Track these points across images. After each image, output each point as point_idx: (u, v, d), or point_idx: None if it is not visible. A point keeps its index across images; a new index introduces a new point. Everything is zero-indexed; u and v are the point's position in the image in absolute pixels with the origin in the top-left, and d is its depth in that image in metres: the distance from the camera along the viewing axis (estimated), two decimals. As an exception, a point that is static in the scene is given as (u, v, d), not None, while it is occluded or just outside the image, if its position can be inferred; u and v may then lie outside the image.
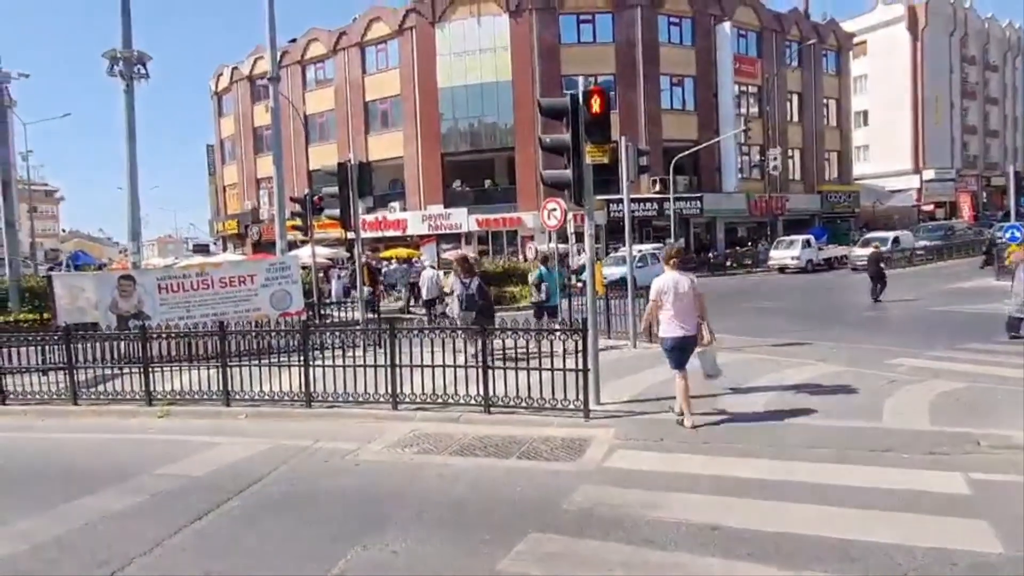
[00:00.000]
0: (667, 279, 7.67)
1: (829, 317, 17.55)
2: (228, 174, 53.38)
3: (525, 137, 36.78)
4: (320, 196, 16.89)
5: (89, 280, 14.59)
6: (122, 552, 4.96)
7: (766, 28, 43.37)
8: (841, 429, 7.15)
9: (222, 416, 9.18)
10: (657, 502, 5.46)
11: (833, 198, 47.21)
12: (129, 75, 17.49)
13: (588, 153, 8.22)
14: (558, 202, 14.97)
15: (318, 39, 43.99)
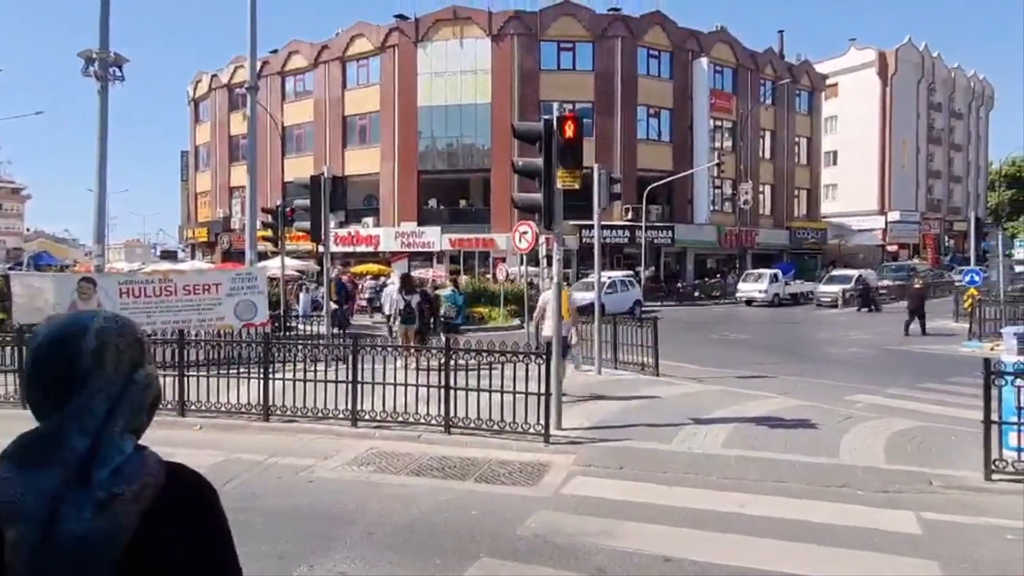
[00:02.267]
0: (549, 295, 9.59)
1: (793, 352, 17.79)
2: (201, 181, 52.75)
3: (501, 159, 36.92)
4: (292, 208, 16.74)
5: (49, 281, 14.26)
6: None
7: (742, 65, 44.35)
8: (799, 464, 7.20)
9: (176, 427, 8.95)
10: (612, 531, 5.42)
11: (801, 234, 48.13)
12: (104, 76, 17.26)
13: (559, 178, 8.28)
14: (530, 225, 15.03)
15: (299, 51, 43.91)
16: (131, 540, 1.15)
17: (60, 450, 1.18)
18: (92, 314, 1.33)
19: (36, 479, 1.15)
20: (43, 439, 1.21)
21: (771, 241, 45.71)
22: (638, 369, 12.83)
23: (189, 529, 1.23)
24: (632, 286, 29.60)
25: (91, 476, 1.16)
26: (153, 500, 1.19)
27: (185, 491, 1.27)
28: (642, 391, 11.09)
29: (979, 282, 21.33)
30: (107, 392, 1.24)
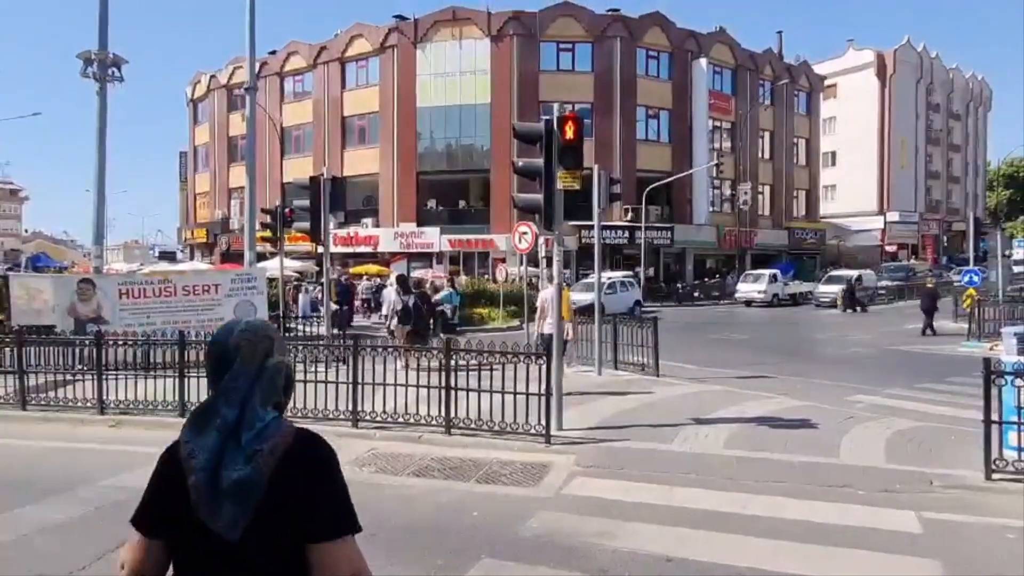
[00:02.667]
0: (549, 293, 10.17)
1: (792, 352, 17.81)
2: (200, 182, 52.73)
3: (501, 160, 36.95)
4: (291, 209, 16.74)
5: (47, 282, 14.24)
6: (60, 564, 4.78)
7: (741, 66, 44.40)
8: (799, 464, 7.21)
9: (177, 428, 8.73)
10: (614, 531, 5.43)
11: (800, 235, 48.18)
12: (103, 77, 17.26)
13: (560, 179, 8.29)
14: (529, 226, 15.04)
15: (298, 52, 43.91)
16: (269, 482, 1.59)
17: (215, 418, 1.64)
18: (238, 320, 1.82)
19: (202, 439, 1.62)
20: (205, 411, 1.68)
21: (770, 242, 45.76)
22: (638, 369, 12.83)
23: (307, 474, 1.64)
24: (632, 287, 29.62)
25: (241, 437, 1.61)
26: (283, 454, 1.62)
27: (305, 448, 1.68)
28: (643, 391, 11.10)
29: (978, 282, 21.35)
30: (247, 376, 1.68)
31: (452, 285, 16.07)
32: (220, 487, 1.57)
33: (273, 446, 1.61)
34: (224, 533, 1.57)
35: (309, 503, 1.62)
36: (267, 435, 1.63)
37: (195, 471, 1.59)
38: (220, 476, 1.58)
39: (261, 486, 1.58)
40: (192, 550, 1.64)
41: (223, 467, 1.58)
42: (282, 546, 1.60)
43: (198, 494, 1.58)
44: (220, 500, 1.57)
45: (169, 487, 1.67)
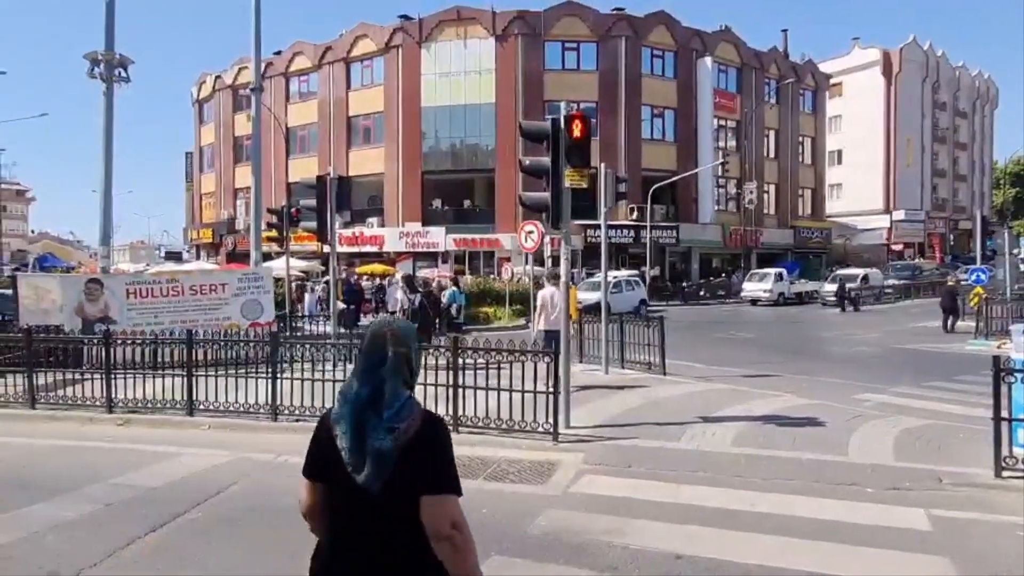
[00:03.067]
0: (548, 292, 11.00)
1: (798, 350, 17.77)
2: (206, 182, 52.88)
3: (506, 159, 36.96)
4: (298, 208, 16.79)
5: (55, 282, 14.30)
6: (71, 563, 4.80)
7: (746, 65, 44.30)
8: (808, 462, 7.19)
9: (185, 426, 8.99)
10: (622, 529, 5.43)
11: (806, 233, 48.06)
12: (109, 78, 17.33)
13: (567, 177, 8.29)
14: (536, 224, 15.03)
15: (303, 52, 43.98)
16: (401, 451, 2.05)
17: (351, 394, 2.14)
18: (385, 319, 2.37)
19: (342, 410, 2.14)
20: (347, 388, 2.18)
21: (776, 240, 45.65)
22: (645, 368, 12.82)
23: (428, 448, 2.10)
24: (637, 286, 29.60)
25: (382, 412, 2.09)
26: (415, 433, 2.08)
27: (429, 428, 2.13)
28: (649, 390, 11.09)
29: (985, 281, 21.25)
30: (374, 362, 2.16)
31: (456, 284, 16.12)
32: (365, 452, 2.07)
33: (408, 426, 2.08)
34: (366, 486, 2.07)
35: (427, 468, 2.09)
36: (404, 415, 2.10)
37: (340, 436, 2.12)
38: (364, 443, 2.07)
39: (396, 456, 2.06)
40: (342, 492, 2.13)
41: (367, 436, 2.08)
42: (407, 496, 2.08)
43: (347, 455, 2.10)
44: (363, 461, 2.07)
45: (322, 444, 2.19)
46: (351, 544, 2.12)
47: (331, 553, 2.17)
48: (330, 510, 2.18)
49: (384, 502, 2.07)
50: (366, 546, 2.09)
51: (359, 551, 2.10)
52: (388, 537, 2.09)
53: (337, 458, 2.11)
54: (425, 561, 2.08)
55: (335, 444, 2.12)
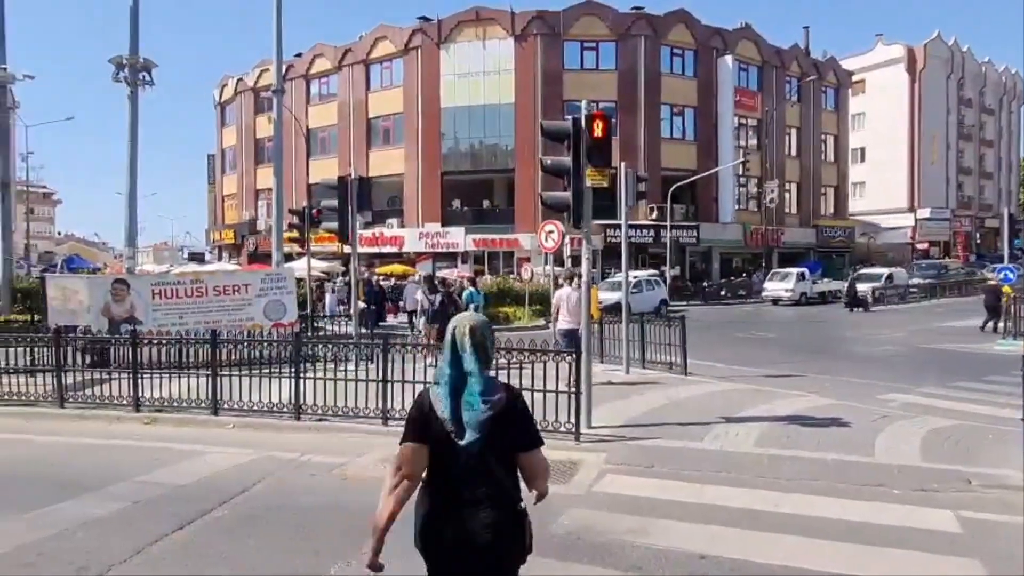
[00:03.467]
0: (564, 292, 11.27)
1: (821, 350, 17.59)
2: (227, 184, 53.46)
3: (525, 159, 36.98)
4: (319, 209, 16.90)
5: (82, 283, 14.52)
6: (100, 559, 4.88)
7: (767, 63, 43.93)
8: (833, 462, 7.12)
9: (209, 425, 9.10)
10: (646, 528, 5.41)
11: (828, 232, 47.55)
12: (134, 81, 17.58)
13: (588, 176, 8.28)
14: (556, 224, 15.02)
15: (324, 55, 44.32)
16: (493, 418, 2.61)
17: (444, 376, 2.71)
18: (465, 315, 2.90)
19: (439, 389, 2.69)
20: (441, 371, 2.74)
21: (798, 240, 45.23)
22: (666, 368, 12.76)
23: (513, 413, 2.71)
24: (658, 285, 29.47)
25: (475, 389, 2.64)
26: (504, 405, 2.66)
27: (512, 399, 2.73)
28: (671, 389, 11.04)
29: (1014, 280, 20.86)
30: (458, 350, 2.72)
31: (473, 285, 16.17)
32: (464, 423, 2.62)
33: (498, 399, 2.66)
34: (469, 447, 2.61)
35: (520, 431, 2.74)
36: (493, 390, 2.68)
37: (441, 410, 2.66)
38: (462, 414, 2.63)
39: (490, 420, 2.62)
40: (445, 453, 2.66)
41: (465, 408, 2.63)
42: (499, 451, 2.67)
43: (449, 424, 2.64)
44: (464, 429, 2.62)
45: (424, 417, 2.71)
46: (456, 490, 2.67)
47: (440, 498, 2.71)
48: (436, 466, 2.71)
49: (481, 457, 2.65)
50: (469, 490, 2.66)
51: (464, 495, 2.66)
52: (485, 482, 2.67)
53: (439, 427, 2.66)
54: (514, 503, 2.73)
55: (436, 416, 2.67)
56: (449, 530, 2.68)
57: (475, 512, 2.65)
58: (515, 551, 2.78)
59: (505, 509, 2.69)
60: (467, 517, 2.65)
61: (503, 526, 2.68)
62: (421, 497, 2.76)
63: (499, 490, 2.68)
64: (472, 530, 2.65)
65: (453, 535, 2.68)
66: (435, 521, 2.71)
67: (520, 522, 2.76)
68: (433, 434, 2.68)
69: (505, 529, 2.69)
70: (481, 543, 2.65)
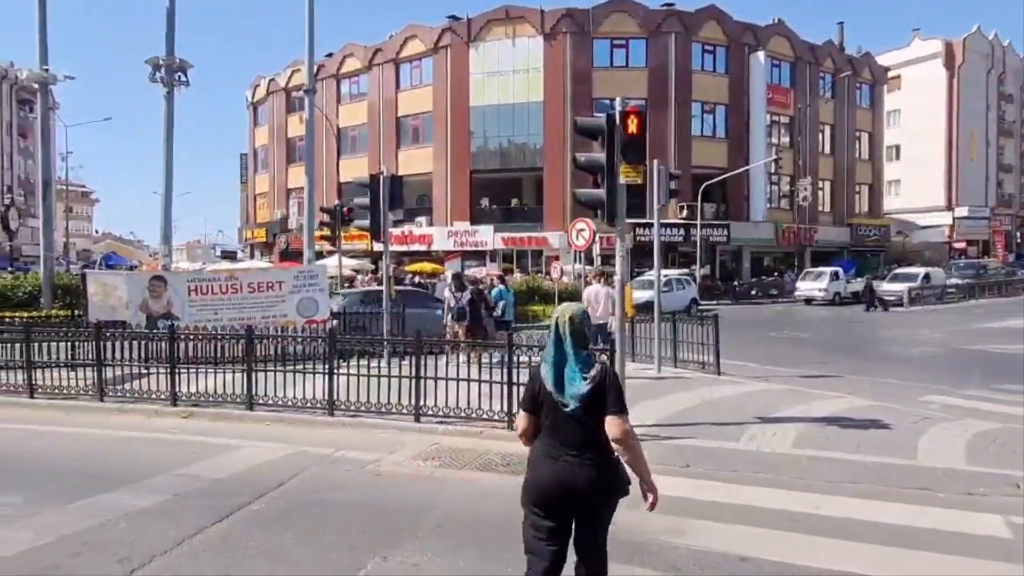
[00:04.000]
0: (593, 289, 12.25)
1: (857, 351, 17.27)
2: (259, 183, 54.16)
3: (554, 158, 36.91)
4: (350, 207, 17.03)
5: (121, 279, 14.80)
6: (143, 550, 4.95)
7: (800, 59, 43.28)
8: (873, 465, 6.97)
9: (245, 420, 9.20)
10: (683, 529, 5.34)
11: (862, 231, 46.71)
12: (170, 82, 17.87)
13: (622, 173, 8.20)
14: (587, 222, 14.94)
15: (354, 54, 44.66)
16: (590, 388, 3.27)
17: (549, 357, 3.40)
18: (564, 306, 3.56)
19: (544, 368, 3.41)
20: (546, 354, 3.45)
21: (831, 239, 44.51)
22: (698, 368, 12.63)
23: (605, 384, 3.31)
24: (688, 284, 29.21)
25: (575, 366, 3.30)
26: (599, 378, 3.29)
27: (604, 372, 3.36)
28: (704, 389, 10.91)
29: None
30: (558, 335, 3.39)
31: (503, 283, 16.12)
32: (565, 395, 3.31)
33: (594, 373, 3.33)
34: (572, 413, 3.32)
35: (608, 399, 3.32)
36: (590, 366, 3.35)
37: (548, 384, 3.37)
38: (564, 387, 3.32)
39: (590, 391, 3.29)
40: (552, 417, 3.38)
41: (567, 382, 3.32)
42: (595, 415, 3.31)
43: (555, 395, 3.34)
44: (567, 398, 3.31)
45: (536, 390, 3.44)
46: (562, 448, 3.35)
47: (550, 452, 3.38)
48: (546, 428, 3.41)
49: (582, 420, 3.31)
50: (572, 448, 3.33)
51: (567, 452, 3.34)
52: (585, 441, 3.33)
53: (548, 396, 3.36)
54: (608, 455, 3.36)
55: (545, 388, 3.38)
56: (556, 476, 3.34)
57: (577, 462, 3.32)
58: (614, 488, 3.41)
59: (599, 459, 3.34)
60: (571, 466, 3.32)
61: (599, 472, 3.33)
62: (534, 450, 3.48)
63: (596, 446, 3.34)
64: (574, 476, 3.31)
65: (558, 480, 3.33)
66: (546, 473, 3.37)
67: (614, 468, 3.39)
68: (543, 402, 3.40)
69: (601, 475, 3.34)
70: (582, 486, 3.31)
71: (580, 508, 3.36)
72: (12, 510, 5.79)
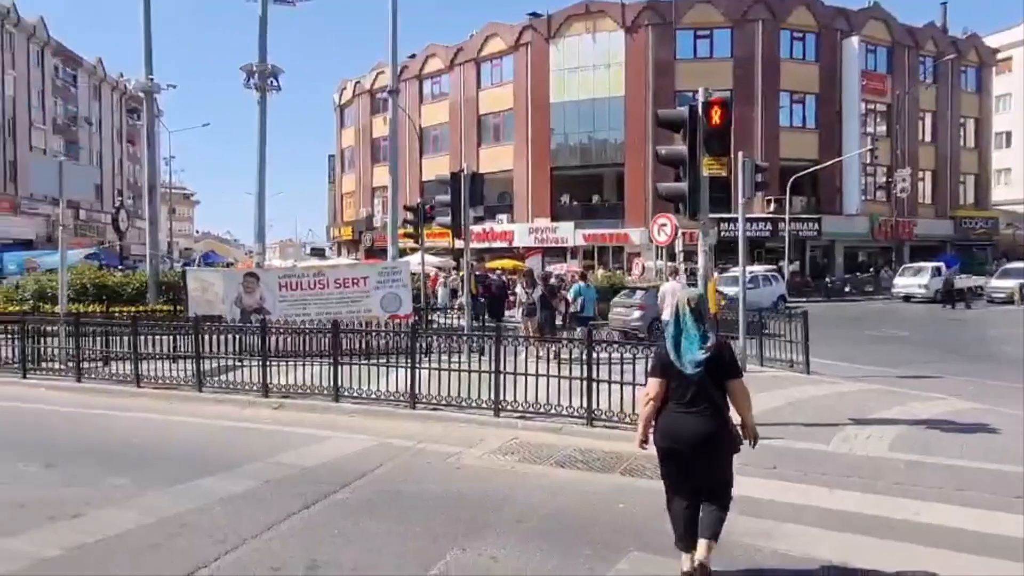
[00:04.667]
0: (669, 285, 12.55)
1: (961, 350, 16.21)
2: (346, 182, 55.87)
3: (635, 153, 36.41)
4: (432, 205, 17.31)
5: (218, 276, 15.56)
6: (236, 533, 5.19)
7: (898, 43, 41.03)
8: (980, 471, 6.52)
9: (331, 411, 9.50)
10: (770, 532, 5.16)
11: (967, 224, 43.86)
12: (263, 87, 18.68)
13: (705, 165, 7.99)
14: (669, 218, 14.66)
15: (436, 55, 45.39)
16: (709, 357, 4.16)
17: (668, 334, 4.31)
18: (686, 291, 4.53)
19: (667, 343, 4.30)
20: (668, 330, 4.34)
21: (932, 232, 42.02)
22: (786, 366, 12.17)
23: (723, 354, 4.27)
24: (775, 281, 28.22)
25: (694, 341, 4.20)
26: (716, 349, 4.21)
27: (721, 346, 4.30)
28: (792, 388, 10.50)
29: None
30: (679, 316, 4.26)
31: (584, 279, 16.08)
32: (683, 358, 4.16)
33: (712, 344, 4.18)
34: (692, 378, 4.13)
35: (728, 366, 4.23)
36: (708, 340, 4.18)
37: (672, 355, 4.21)
38: (682, 355, 4.16)
39: (704, 361, 4.10)
40: (678, 381, 4.20)
41: (683, 351, 4.16)
42: (715, 380, 4.17)
43: (678, 363, 4.17)
44: (686, 364, 4.14)
45: (661, 359, 4.29)
46: (685, 405, 4.23)
47: (675, 410, 4.26)
48: (672, 390, 4.26)
49: (701, 383, 4.18)
50: (692, 405, 4.21)
51: (689, 408, 4.21)
52: (704, 399, 4.20)
53: (673, 365, 4.23)
54: (722, 412, 4.24)
55: (670, 358, 4.24)
56: (681, 430, 4.23)
57: (698, 418, 4.18)
58: (726, 442, 4.27)
59: (717, 417, 4.21)
60: (693, 421, 4.19)
61: (716, 427, 4.19)
62: (663, 410, 4.31)
63: (713, 405, 4.20)
64: (697, 429, 4.18)
65: (684, 433, 4.22)
66: (672, 425, 4.27)
67: (727, 426, 4.26)
68: (669, 370, 4.25)
69: (718, 429, 4.20)
70: (703, 437, 4.18)
71: (699, 452, 4.20)
72: (121, 492, 6.18)
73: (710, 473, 4.26)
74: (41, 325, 12.59)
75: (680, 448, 4.23)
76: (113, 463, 7.11)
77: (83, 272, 17.68)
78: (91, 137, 53.29)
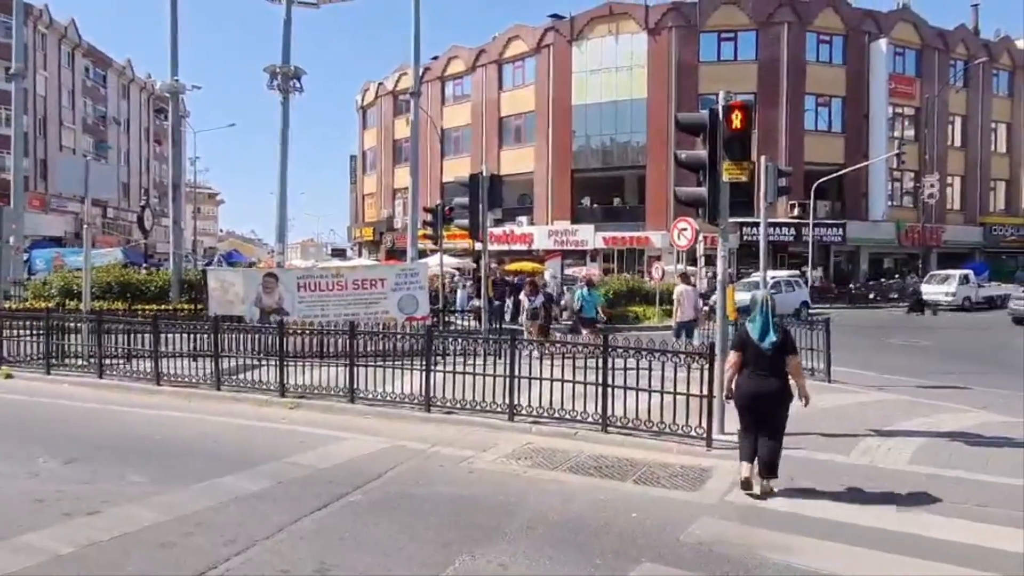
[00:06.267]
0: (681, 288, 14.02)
1: (990, 361, 15.87)
2: (368, 183, 56.18)
3: (657, 156, 36.19)
4: (451, 207, 17.31)
5: (238, 275, 15.67)
6: (248, 533, 5.20)
7: (927, 46, 40.39)
8: (1007, 487, 6.36)
9: (347, 412, 9.51)
10: (788, 545, 5.05)
11: (998, 231, 43.02)
12: (285, 88, 18.80)
13: (725, 170, 7.88)
14: (689, 222, 14.53)
15: (458, 56, 45.49)
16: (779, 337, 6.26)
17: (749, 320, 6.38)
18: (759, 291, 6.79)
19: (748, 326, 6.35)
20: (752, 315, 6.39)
21: (961, 239, 41.30)
22: (807, 374, 11.95)
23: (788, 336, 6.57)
24: (798, 286, 27.90)
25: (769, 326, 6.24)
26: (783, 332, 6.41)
27: (785, 332, 6.56)
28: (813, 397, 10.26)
29: None
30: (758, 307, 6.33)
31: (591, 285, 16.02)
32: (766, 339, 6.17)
33: (779, 331, 6.29)
34: (767, 351, 6.16)
35: (788, 344, 6.40)
36: (778, 328, 6.31)
37: (753, 335, 6.24)
38: (766, 337, 6.17)
39: (779, 342, 6.19)
40: (754, 354, 6.20)
41: (764, 334, 6.18)
42: (781, 354, 6.23)
43: (757, 340, 6.19)
44: (766, 343, 6.16)
45: (742, 337, 6.33)
46: (760, 371, 6.14)
47: (753, 374, 6.16)
48: (748, 360, 6.19)
49: (772, 357, 6.14)
50: (765, 371, 6.14)
51: (763, 373, 6.14)
52: (773, 368, 6.16)
53: (751, 342, 6.17)
54: (784, 377, 6.20)
55: (750, 337, 6.18)
56: (756, 388, 6.13)
57: (768, 380, 6.12)
58: (787, 397, 6.20)
59: (781, 379, 6.17)
60: (764, 382, 6.12)
61: (781, 387, 6.16)
62: (742, 375, 6.22)
63: (779, 371, 6.16)
64: (767, 388, 6.12)
65: (757, 390, 6.13)
66: (750, 385, 6.15)
67: (786, 383, 6.18)
68: (747, 345, 6.18)
69: (782, 388, 6.17)
70: (770, 394, 6.11)
71: (768, 406, 6.10)
72: (140, 489, 6.24)
73: (775, 419, 6.13)
74: (65, 322, 12.77)
75: (757, 403, 6.09)
76: (131, 460, 7.17)
77: (108, 270, 17.92)
78: (119, 137, 54.16)
